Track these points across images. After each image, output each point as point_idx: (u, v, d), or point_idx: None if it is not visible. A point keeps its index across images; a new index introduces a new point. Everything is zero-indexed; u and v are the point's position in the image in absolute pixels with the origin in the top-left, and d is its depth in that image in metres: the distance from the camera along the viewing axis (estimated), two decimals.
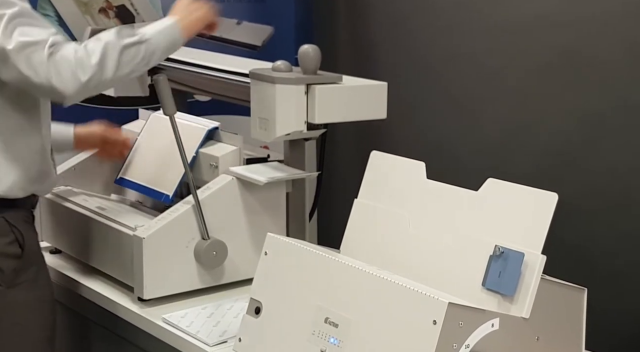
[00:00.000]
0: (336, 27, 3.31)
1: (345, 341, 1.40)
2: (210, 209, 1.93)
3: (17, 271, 1.80)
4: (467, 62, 2.86)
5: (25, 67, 1.69)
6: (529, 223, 1.41)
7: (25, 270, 1.81)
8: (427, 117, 3.01)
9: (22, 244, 1.82)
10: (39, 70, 1.69)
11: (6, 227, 1.80)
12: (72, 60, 1.71)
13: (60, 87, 1.70)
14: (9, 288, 1.78)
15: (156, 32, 1.84)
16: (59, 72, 1.69)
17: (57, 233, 2.23)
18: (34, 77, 1.69)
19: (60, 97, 1.73)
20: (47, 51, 1.69)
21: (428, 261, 1.53)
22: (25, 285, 1.81)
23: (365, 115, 2.05)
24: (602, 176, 2.51)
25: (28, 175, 1.84)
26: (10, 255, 1.80)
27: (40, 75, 1.69)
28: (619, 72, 2.45)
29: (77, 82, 1.71)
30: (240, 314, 1.72)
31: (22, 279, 1.80)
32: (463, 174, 1.76)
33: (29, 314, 1.82)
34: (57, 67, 1.69)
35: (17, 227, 1.82)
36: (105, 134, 2.27)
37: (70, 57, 1.71)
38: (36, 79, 1.69)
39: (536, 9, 2.64)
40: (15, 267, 1.80)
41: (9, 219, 1.81)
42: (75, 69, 1.71)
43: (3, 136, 1.80)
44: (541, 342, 1.42)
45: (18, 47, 1.68)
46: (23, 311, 1.81)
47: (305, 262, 1.52)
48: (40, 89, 1.73)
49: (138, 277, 1.90)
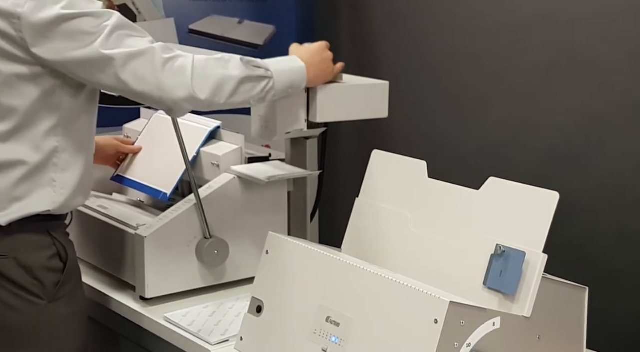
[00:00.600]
0: (337, 26, 3.31)
1: (347, 340, 1.40)
2: (212, 208, 1.93)
3: (58, 285, 1.76)
4: (468, 61, 2.86)
5: (131, 77, 1.67)
6: (531, 222, 1.41)
7: (65, 284, 1.77)
8: (429, 116, 3.01)
9: (63, 257, 1.78)
10: (146, 81, 1.67)
11: (49, 241, 1.76)
12: (189, 74, 1.69)
13: (173, 98, 1.69)
14: (50, 302, 1.75)
15: (281, 71, 1.82)
16: (173, 85, 1.69)
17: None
18: (138, 87, 1.68)
19: (169, 107, 1.73)
20: (161, 60, 1.68)
21: (429, 259, 1.53)
22: (64, 299, 1.77)
23: (367, 114, 2.05)
24: (603, 175, 2.51)
25: (80, 190, 1.81)
26: (52, 269, 1.76)
27: (147, 86, 1.68)
28: (621, 71, 2.45)
29: (191, 97, 1.70)
30: (241, 313, 1.72)
31: (62, 294, 1.76)
32: (464, 173, 1.76)
33: (66, 328, 1.78)
34: (171, 78, 1.68)
35: (59, 241, 1.78)
36: (120, 146, 2.27)
37: (188, 70, 1.69)
38: (140, 89, 1.68)
39: (538, 8, 2.64)
40: (57, 281, 1.76)
41: (52, 233, 1.77)
42: (191, 83, 1.69)
43: (75, 146, 1.77)
44: (542, 341, 1.43)
45: (124, 57, 1.66)
46: (61, 324, 1.77)
47: (306, 261, 1.52)
48: (146, 98, 1.71)
49: (140, 276, 1.90)
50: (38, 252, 1.74)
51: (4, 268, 1.71)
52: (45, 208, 1.74)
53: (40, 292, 1.73)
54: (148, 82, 1.68)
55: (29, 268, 1.73)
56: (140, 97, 1.73)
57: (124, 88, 1.70)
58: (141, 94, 1.70)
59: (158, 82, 1.68)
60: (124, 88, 1.70)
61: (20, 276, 1.72)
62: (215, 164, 2.05)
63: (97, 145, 2.19)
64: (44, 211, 1.74)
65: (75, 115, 1.76)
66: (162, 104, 1.73)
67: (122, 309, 1.95)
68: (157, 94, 1.69)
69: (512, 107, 2.74)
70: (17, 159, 1.70)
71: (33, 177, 1.72)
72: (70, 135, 1.75)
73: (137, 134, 2.33)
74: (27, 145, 1.71)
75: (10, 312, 1.72)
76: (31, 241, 1.74)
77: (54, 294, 1.75)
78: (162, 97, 1.70)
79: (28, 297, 1.73)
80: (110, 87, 1.73)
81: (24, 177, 1.71)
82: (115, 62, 1.66)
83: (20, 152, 1.71)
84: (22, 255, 1.72)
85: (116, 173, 2.28)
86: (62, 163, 1.75)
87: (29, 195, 1.72)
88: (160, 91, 1.69)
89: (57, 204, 1.75)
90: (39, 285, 1.73)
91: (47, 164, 1.73)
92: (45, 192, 1.74)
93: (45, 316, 1.75)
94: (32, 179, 1.72)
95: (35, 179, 1.72)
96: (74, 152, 1.76)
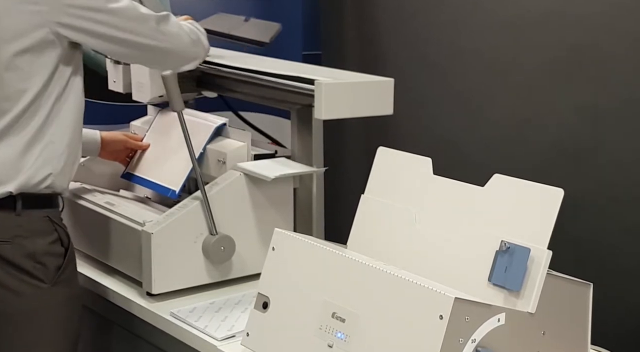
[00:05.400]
0: (343, 23, 3.31)
1: (352, 336, 1.41)
2: (218, 205, 1.94)
3: (59, 269, 1.83)
4: (473, 58, 2.86)
5: (160, 36, 1.92)
6: (535, 219, 1.41)
7: (65, 268, 1.84)
8: (434, 113, 3.02)
9: (65, 242, 1.85)
10: (172, 38, 1.96)
11: (50, 226, 1.83)
12: (195, 30, 2.05)
13: (197, 50, 2.04)
14: (52, 286, 1.81)
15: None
16: (196, 39, 2.03)
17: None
18: (166, 44, 1.95)
19: (193, 58, 2.05)
20: (175, 21, 1.96)
21: (434, 256, 1.54)
22: (64, 283, 1.84)
23: (372, 111, 2.05)
24: (608, 172, 2.51)
25: (73, 164, 1.89)
26: (55, 254, 1.82)
27: (175, 42, 1.97)
28: (626, 68, 2.45)
29: (202, 46, 2.07)
30: (247, 308, 1.73)
31: (62, 277, 1.83)
32: (469, 170, 1.76)
33: (66, 310, 1.86)
34: (189, 35, 2.01)
35: (59, 225, 1.85)
36: (128, 141, 2.29)
37: (192, 27, 2.05)
38: (169, 45, 1.96)
39: (542, 5, 2.64)
40: (59, 265, 1.83)
41: (52, 218, 1.84)
42: (199, 34, 2.05)
43: (71, 118, 1.86)
44: (547, 337, 1.43)
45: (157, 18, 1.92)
46: (62, 307, 1.84)
47: (312, 257, 1.53)
48: (170, 54, 1.98)
49: (147, 272, 1.91)
50: (41, 238, 1.81)
51: (8, 254, 1.77)
52: (47, 173, 1.81)
53: (43, 276, 1.79)
54: (173, 40, 1.96)
55: (33, 253, 1.78)
56: (167, 53, 1.97)
57: (160, 50, 1.95)
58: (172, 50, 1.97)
59: (181, 40, 1.99)
60: (160, 50, 1.95)
61: (24, 261, 1.78)
62: (222, 161, 2.06)
63: (105, 140, 2.22)
64: (45, 177, 1.81)
65: (68, 87, 1.83)
66: (185, 58, 2.03)
67: (129, 304, 1.96)
68: (183, 49, 2.01)
69: (517, 104, 2.74)
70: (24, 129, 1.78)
71: (34, 146, 1.80)
72: (65, 105, 1.83)
73: (144, 131, 2.33)
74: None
75: (15, 297, 1.78)
76: (34, 227, 1.80)
77: (55, 278, 1.81)
78: (191, 50, 2.02)
79: (32, 282, 1.79)
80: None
81: (28, 146, 1.79)
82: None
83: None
84: (25, 240, 1.78)
85: (126, 170, 2.29)
86: (58, 132, 1.83)
87: (31, 163, 1.79)
88: (187, 46, 2.01)
89: (55, 172, 1.82)
90: (43, 269, 1.79)
91: (46, 133, 1.80)
92: (45, 159, 1.81)
93: (48, 299, 1.81)
94: (34, 147, 1.80)
95: (36, 147, 1.80)
96: (67, 120, 1.84)
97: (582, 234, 2.51)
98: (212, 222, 1.93)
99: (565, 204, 1.39)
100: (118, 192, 2.34)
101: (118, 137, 2.28)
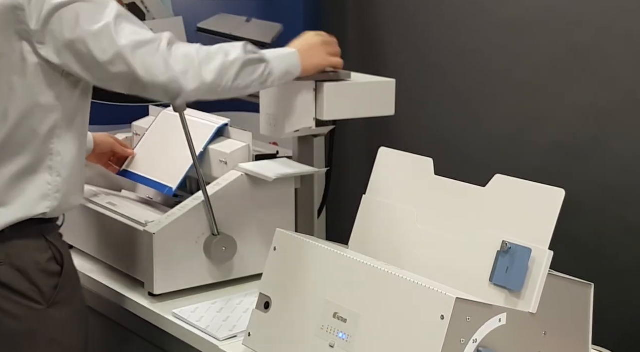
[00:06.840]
0: (344, 24, 3.31)
1: (354, 336, 1.41)
2: (220, 205, 1.94)
3: (56, 289, 1.74)
4: (474, 59, 2.86)
5: (139, 65, 1.65)
6: (537, 219, 1.41)
7: (63, 287, 1.76)
8: (435, 113, 3.02)
9: (59, 260, 1.76)
10: (156, 68, 1.66)
11: (44, 245, 1.75)
12: (195, 59, 1.70)
13: (182, 82, 1.68)
14: (49, 307, 1.73)
15: (275, 57, 1.84)
16: (183, 70, 1.68)
17: (67, 228, 2.24)
18: (146, 75, 1.66)
19: (176, 93, 1.70)
20: (165, 48, 1.67)
21: (436, 256, 1.54)
22: (64, 302, 1.76)
23: (374, 112, 2.06)
24: (609, 172, 2.51)
25: (76, 189, 1.80)
26: (49, 273, 1.74)
27: (156, 72, 1.66)
28: (627, 69, 2.45)
29: (199, 80, 1.70)
30: (249, 309, 1.73)
31: (60, 297, 1.75)
32: (471, 170, 1.76)
33: (66, 331, 1.78)
34: (180, 63, 1.68)
35: (54, 245, 1.77)
36: (116, 145, 2.26)
37: (193, 56, 1.70)
38: (149, 78, 1.66)
39: (544, 5, 2.64)
40: (55, 284, 1.74)
41: (47, 237, 1.76)
42: (198, 67, 1.69)
43: (70, 149, 1.75)
44: (548, 337, 1.43)
45: (132, 45, 1.65)
46: (62, 328, 1.76)
47: (314, 257, 1.53)
48: (152, 87, 1.69)
49: (148, 272, 1.91)
50: (34, 256, 1.72)
51: (1, 275, 1.69)
52: (41, 211, 1.72)
53: (38, 297, 1.72)
54: (155, 70, 1.66)
55: (26, 273, 1.71)
56: (147, 87, 1.70)
57: (137, 79, 1.67)
58: (149, 83, 1.68)
59: (167, 70, 1.67)
60: (136, 79, 1.67)
61: (17, 282, 1.70)
62: (223, 161, 2.06)
63: (95, 142, 2.18)
64: (40, 214, 1.73)
65: (71, 115, 1.74)
66: (169, 91, 1.70)
67: (131, 305, 1.96)
68: (164, 82, 1.67)
69: (518, 105, 2.75)
70: (12, 161, 1.69)
71: (27, 179, 1.71)
72: (65, 137, 1.74)
73: (144, 131, 2.34)
74: (24, 147, 1.70)
75: (10, 320, 1.71)
76: (27, 245, 1.72)
77: (52, 298, 1.74)
78: (170, 83, 1.68)
79: (27, 303, 1.71)
80: (120, 77, 1.69)
81: (17, 179, 1.70)
82: (123, 49, 1.65)
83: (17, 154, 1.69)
84: (18, 261, 1.71)
85: (122, 168, 2.28)
86: (56, 166, 1.73)
87: (23, 197, 1.71)
88: (170, 77, 1.67)
89: (52, 208, 1.74)
90: (37, 290, 1.71)
91: (41, 167, 1.71)
92: (41, 194, 1.72)
93: (45, 320, 1.73)
94: (27, 180, 1.71)
95: (30, 180, 1.71)
96: (69, 154, 1.75)
97: (584, 234, 2.51)
98: (214, 223, 1.93)
99: (565, 204, 1.39)
100: (120, 192, 2.34)
101: (107, 140, 2.25)
